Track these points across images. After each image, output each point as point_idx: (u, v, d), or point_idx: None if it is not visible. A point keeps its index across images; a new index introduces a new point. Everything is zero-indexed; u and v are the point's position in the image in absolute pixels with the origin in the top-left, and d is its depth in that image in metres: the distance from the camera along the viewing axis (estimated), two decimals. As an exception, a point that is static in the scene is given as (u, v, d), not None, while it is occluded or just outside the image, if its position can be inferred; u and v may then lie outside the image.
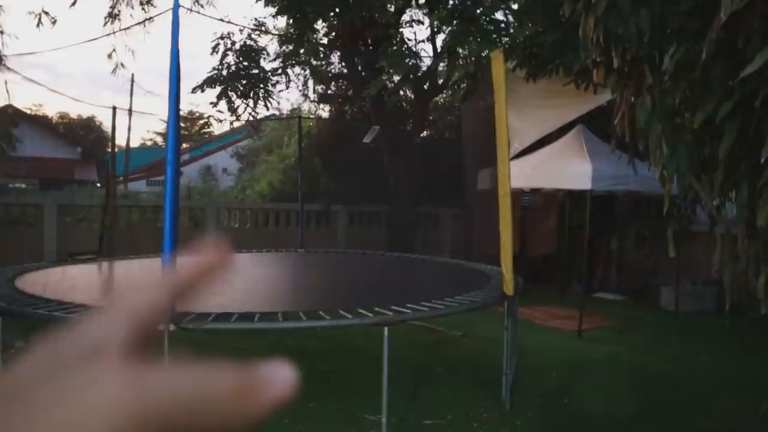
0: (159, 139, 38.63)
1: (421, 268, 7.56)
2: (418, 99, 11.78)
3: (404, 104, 12.45)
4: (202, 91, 9.94)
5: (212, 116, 10.44)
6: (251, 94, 10.05)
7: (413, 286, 6.26)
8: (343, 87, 12.60)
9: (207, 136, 35.82)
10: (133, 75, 10.57)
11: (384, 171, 11.59)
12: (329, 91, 12.41)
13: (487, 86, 8.89)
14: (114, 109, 9.41)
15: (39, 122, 29.66)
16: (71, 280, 5.88)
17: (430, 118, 13.00)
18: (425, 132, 13.30)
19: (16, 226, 10.15)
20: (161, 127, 37.13)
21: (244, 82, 10.01)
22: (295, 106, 15.35)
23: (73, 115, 36.09)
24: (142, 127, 59.47)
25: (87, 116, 35.52)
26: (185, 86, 10.14)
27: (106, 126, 33.34)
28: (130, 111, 9.53)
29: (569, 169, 8.56)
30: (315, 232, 11.89)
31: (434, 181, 11.94)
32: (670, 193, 3.64)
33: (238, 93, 9.94)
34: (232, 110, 10.00)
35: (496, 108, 4.91)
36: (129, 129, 23.40)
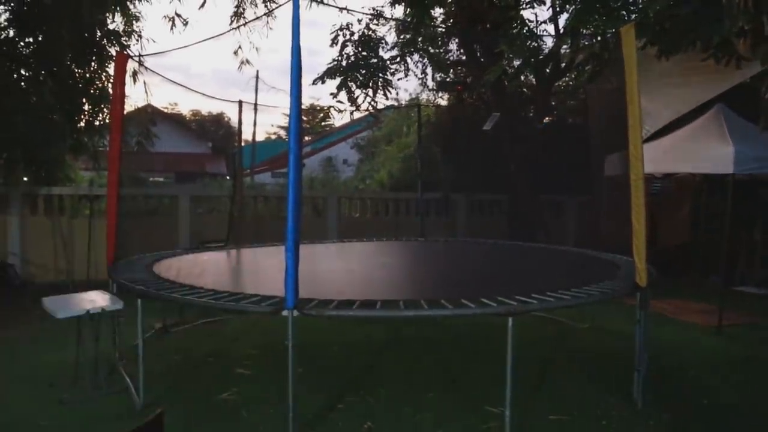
0: (283, 133, 40.01)
1: (545, 257, 7.29)
2: (539, 84, 11.36)
3: (525, 90, 12.05)
4: (323, 82, 10.13)
5: (333, 107, 10.55)
6: (370, 84, 10.11)
7: (538, 275, 6.02)
8: (462, 74, 12.40)
9: (328, 128, 36.69)
10: (258, 72, 11.03)
11: (504, 159, 11.31)
12: (448, 79, 12.25)
13: (614, 66, 8.43)
14: (240, 103, 9.78)
15: (174, 120, 31.67)
16: (202, 266, 6.17)
17: (552, 103, 12.51)
18: (547, 118, 12.82)
19: (155, 216, 10.87)
20: (285, 121, 38.39)
21: (363, 71, 10.08)
22: (414, 96, 15.32)
23: (204, 112, 38.15)
24: (266, 121, 61.95)
25: (217, 113, 37.40)
26: (307, 80, 10.39)
27: (234, 122, 34.94)
28: (255, 106, 9.92)
29: (707, 151, 7.94)
30: (434, 220, 11.83)
31: (557, 168, 11.51)
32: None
33: (358, 83, 10.04)
34: (352, 100, 10.11)
35: (627, 87, 4.59)
36: (255, 123, 24.43)
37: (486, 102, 11.75)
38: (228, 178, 25.05)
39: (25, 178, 10.33)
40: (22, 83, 9.35)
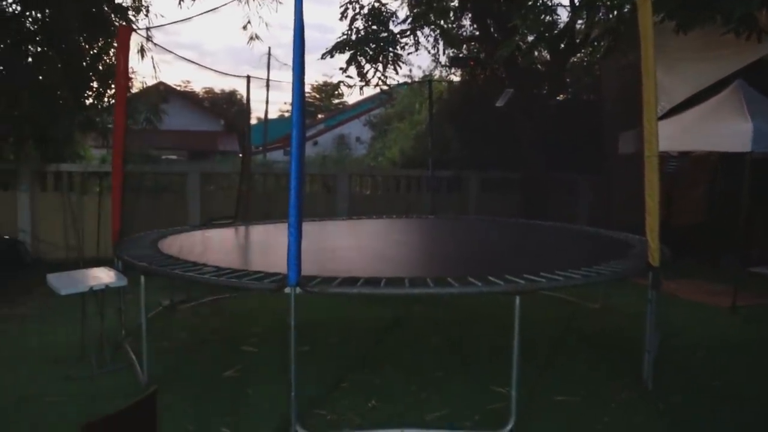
0: (296, 110, 39.75)
1: (556, 235, 7.18)
2: (553, 59, 11.13)
3: (539, 66, 11.81)
4: (332, 56, 9.96)
5: (342, 82, 10.36)
6: (380, 59, 9.93)
7: (548, 254, 5.92)
8: (475, 50, 12.18)
9: (341, 105, 36.47)
10: (269, 48, 10.90)
11: (517, 136, 11.14)
12: (460, 55, 12.04)
13: (630, 41, 8.22)
14: (248, 78, 9.68)
15: (187, 97, 31.63)
16: (208, 243, 6.13)
17: (567, 80, 12.27)
18: (561, 95, 12.59)
19: (164, 193, 10.85)
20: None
21: (372, 46, 9.89)
22: (426, 73, 15.10)
23: (217, 90, 38.06)
24: (279, 99, 61.80)
25: (229, 90, 37.28)
26: (317, 57, 10.21)
27: (251, 98, 34.86)
28: (267, 83, 9.79)
29: (725, 129, 7.75)
30: (446, 198, 11.72)
31: (570, 145, 11.34)
32: None
33: (368, 57, 9.86)
34: (362, 75, 9.94)
35: (643, 61, 4.43)
36: (267, 101, 24.32)
37: (499, 78, 11.53)
38: (240, 155, 25.05)
39: (35, 156, 10.31)
40: (29, 59, 9.26)
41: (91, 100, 10.22)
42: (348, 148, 28.60)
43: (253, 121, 16.24)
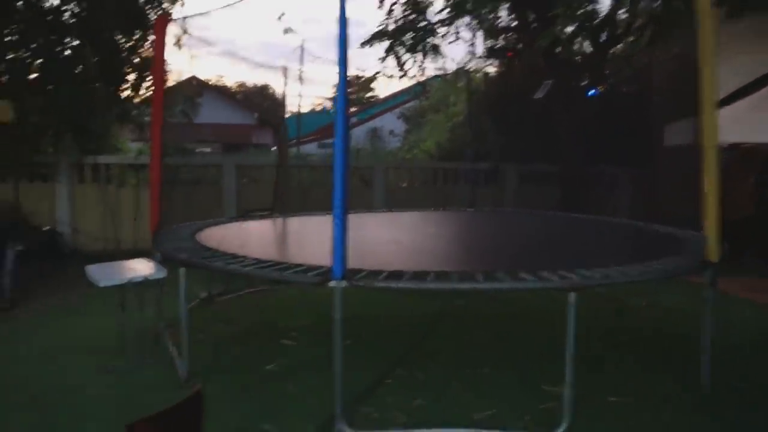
0: (329, 104, 39.82)
1: (602, 229, 6.93)
2: (594, 50, 10.83)
3: (578, 57, 11.51)
4: (370, 45, 9.82)
5: (379, 72, 10.18)
6: (418, 48, 9.76)
7: (597, 248, 5.69)
8: (513, 40, 11.92)
9: (373, 99, 36.31)
10: (303, 41, 10.84)
11: (556, 128, 10.88)
12: (498, 46, 11.80)
13: (678, 30, 7.94)
14: (284, 69, 9.63)
15: (220, 91, 31.77)
16: (247, 235, 6.05)
17: (607, 72, 11.93)
18: (601, 86, 12.25)
19: (200, 185, 10.85)
20: (330, 92, 38.27)
21: (411, 35, 9.73)
22: (462, 65, 14.84)
23: (250, 84, 38.23)
24: (311, 92, 62.03)
25: (261, 85, 37.39)
26: (353, 51, 10.14)
27: (279, 93, 34.99)
28: (300, 76, 9.70)
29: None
30: (483, 191, 11.53)
31: (611, 138, 11.04)
32: None
33: (406, 47, 9.70)
34: (400, 65, 9.79)
35: (701, 47, 4.19)
36: (300, 95, 24.33)
37: (538, 69, 11.26)
38: (273, 148, 25.10)
39: (73, 148, 10.39)
40: (67, 52, 9.28)
41: (127, 93, 10.23)
42: (381, 141, 28.47)
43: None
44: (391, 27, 9.98)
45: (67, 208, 9.95)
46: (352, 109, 34.05)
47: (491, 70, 13.59)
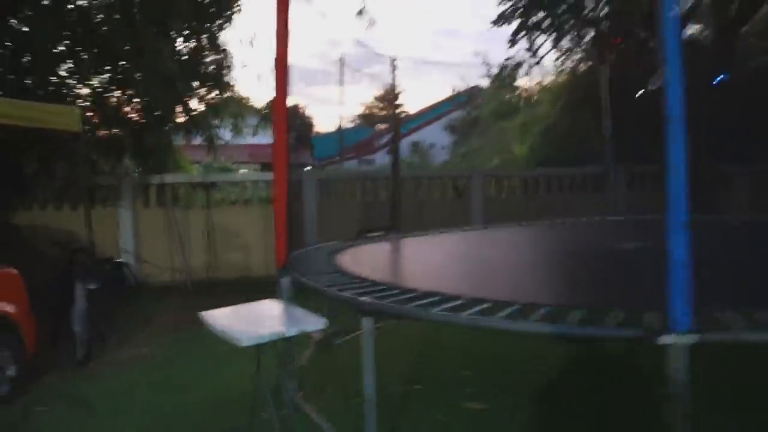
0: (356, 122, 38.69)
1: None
2: (719, 31, 9.34)
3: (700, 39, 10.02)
4: (500, 26, 8.46)
5: (510, 59, 8.74)
6: (556, 23, 8.29)
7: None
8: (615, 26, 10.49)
9: (403, 114, 35.01)
10: (342, 58, 9.76)
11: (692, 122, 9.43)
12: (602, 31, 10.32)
13: None
14: (393, 61, 8.39)
15: (255, 112, 30.83)
16: (390, 262, 4.73)
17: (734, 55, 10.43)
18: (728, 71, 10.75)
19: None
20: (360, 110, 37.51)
21: (548, 10, 8.25)
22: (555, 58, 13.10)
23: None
24: (335, 112, 61.70)
25: (290, 105, 36.42)
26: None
27: (309, 113, 34.07)
28: (340, 94, 8.60)
29: None
30: (590, 197, 10.19)
31: (738, 131, 9.63)
32: None
33: (543, 26, 8.24)
34: (532, 48, 8.38)
35: None
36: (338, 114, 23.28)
37: (649, 54, 9.77)
38: (308, 168, 24.03)
39: (134, 169, 9.26)
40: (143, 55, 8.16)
41: (196, 104, 9.11)
42: (422, 155, 27.36)
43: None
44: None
45: (132, 236, 8.76)
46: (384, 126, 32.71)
47: (580, 65, 12.12)
